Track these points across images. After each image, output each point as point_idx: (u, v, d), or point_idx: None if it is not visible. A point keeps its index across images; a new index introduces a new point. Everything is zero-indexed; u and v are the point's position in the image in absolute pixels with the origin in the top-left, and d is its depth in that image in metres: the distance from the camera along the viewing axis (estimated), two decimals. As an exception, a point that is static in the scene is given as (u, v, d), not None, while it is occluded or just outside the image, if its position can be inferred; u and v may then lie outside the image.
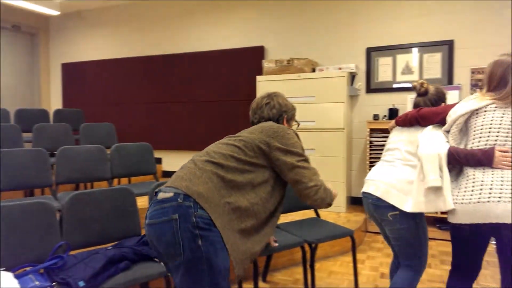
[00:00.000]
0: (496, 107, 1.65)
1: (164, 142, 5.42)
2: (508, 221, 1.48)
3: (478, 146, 1.64)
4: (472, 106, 1.69)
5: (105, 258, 1.86)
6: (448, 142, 1.74)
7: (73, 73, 6.06)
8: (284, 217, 3.36)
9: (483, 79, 1.77)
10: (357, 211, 4.16)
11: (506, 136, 1.60)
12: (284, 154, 1.50)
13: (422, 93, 2.08)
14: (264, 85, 4.33)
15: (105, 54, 5.86)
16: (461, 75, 3.94)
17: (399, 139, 1.99)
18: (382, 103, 4.28)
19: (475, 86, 3.88)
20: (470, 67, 3.90)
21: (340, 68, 4.17)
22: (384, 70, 4.25)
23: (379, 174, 1.95)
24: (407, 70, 4.14)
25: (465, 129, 1.72)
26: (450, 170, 1.70)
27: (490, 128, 1.63)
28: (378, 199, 1.89)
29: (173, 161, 5.47)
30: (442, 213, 3.64)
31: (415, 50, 4.10)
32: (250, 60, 4.87)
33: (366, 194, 1.98)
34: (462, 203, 1.60)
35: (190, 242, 1.27)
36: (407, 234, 1.87)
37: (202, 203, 1.30)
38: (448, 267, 3.03)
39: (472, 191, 1.58)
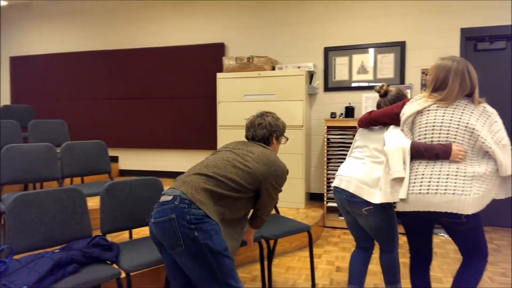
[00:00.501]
0: (438, 107, 1.82)
1: (121, 140, 5.25)
2: (443, 209, 1.71)
3: (421, 137, 1.84)
4: (417, 107, 1.86)
5: (52, 261, 1.77)
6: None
7: (22, 67, 5.72)
8: (243, 215, 3.37)
9: (427, 81, 1.94)
10: (316, 206, 4.25)
11: (447, 133, 1.77)
12: (273, 189, 1.87)
13: (382, 94, 2.25)
14: (224, 82, 4.31)
15: (58, 48, 5.58)
16: (412, 75, 4.12)
17: (367, 137, 2.16)
18: (339, 101, 4.39)
19: (425, 86, 4.08)
20: (420, 68, 4.09)
21: (299, 67, 4.23)
22: (340, 69, 4.36)
23: (350, 171, 2.13)
24: (363, 69, 4.28)
25: (412, 126, 1.90)
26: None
27: (433, 126, 1.81)
28: (352, 195, 2.07)
29: (130, 159, 5.32)
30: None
31: (370, 50, 4.24)
32: (211, 56, 4.83)
33: (338, 189, 2.16)
34: (409, 193, 1.80)
35: (188, 234, 1.57)
36: (381, 224, 2.08)
37: (198, 205, 1.62)
38: (404, 260, 3.18)
39: (415, 183, 1.79)
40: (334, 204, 4.03)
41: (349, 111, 4.18)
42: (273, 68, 4.33)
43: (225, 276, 1.61)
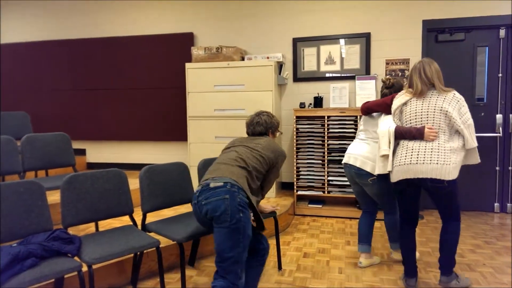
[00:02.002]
0: (416, 99, 2.34)
1: (89, 133, 5.14)
2: (429, 176, 2.20)
3: (410, 125, 2.34)
4: (402, 100, 2.39)
5: (9, 255, 1.74)
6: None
7: (-19, 57, 5.46)
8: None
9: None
10: (286, 195, 4.32)
11: (427, 117, 2.28)
12: (276, 170, 2.34)
13: (389, 86, 2.75)
14: (194, 72, 4.28)
15: (19, 37, 5.36)
16: (377, 66, 4.22)
17: (368, 123, 2.74)
18: (308, 91, 4.44)
19: (389, 76, 4.18)
20: (385, 58, 4.19)
21: (268, 58, 4.25)
22: (309, 60, 4.40)
23: (356, 149, 2.70)
24: (330, 60, 4.34)
25: (401, 115, 2.43)
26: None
27: (415, 113, 2.33)
28: (359, 169, 2.64)
29: (99, 152, 5.22)
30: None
31: (336, 41, 4.30)
32: (180, 46, 4.77)
33: (348, 165, 2.73)
34: (399, 165, 2.31)
35: (236, 213, 1.92)
36: (383, 191, 2.65)
37: (246, 192, 2.02)
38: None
39: (405, 156, 2.29)
40: (304, 193, 4.11)
41: (318, 101, 4.24)
42: (243, 59, 4.33)
43: (238, 256, 1.95)
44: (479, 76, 4.10)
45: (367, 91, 4.11)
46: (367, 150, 2.65)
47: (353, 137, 3.96)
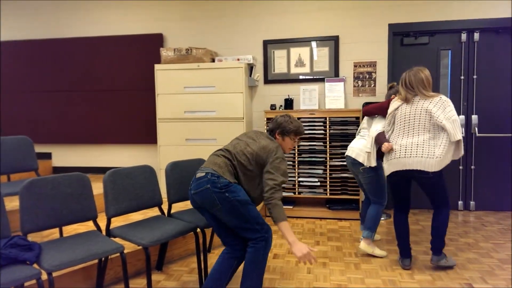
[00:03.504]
0: (406, 105, 2.70)
1: (55, 136, 4.97)
2: (415, 167, 2.58)
3: (402, 127, 2.70)
4: (394, 106, 2.76)
5: (-40, 266, 1.66)
6: (383, 127, 2.86)
7: None
8: (178, 207, 3.34)
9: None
10: (257, 197, 4.32)
11: (414, 118, 2.64)
12: (273, 170, 2.27)
13: (389, 88, 3.22)
14: (163, 74, 4.23)
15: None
16: (346, 68, 4.30)
17: (369, 122, 3.16)
18: (278, 93, 4.48)
19: (357, 78, 4.27)
20: (353, 61, 4.28)
21: (238, 59, 4.25)
22: (279, 62, 4.44)
23: (355, 143, 3.16)
24: (300, 62, 4.39)
25: (393, 119, 2.80)
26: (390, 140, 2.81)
27: (404, 116, 2.70)
28: (354, 159, 3.09)
29: (65, 156, 5.06)
30: (357, 192, 3.98)
31: (306, 44, 4.36)
32: (149, 47, 4.69)
33: (347, 156, 3.18)
34: (391, 159, 2.70)
35: (222, 195, 2.12)
36: (372, 180, 3.06)
37: (224, 176, 2.19)
38: (334, 243, 3.34)
39: (396, 151, 2.68)
40: (275, 194, 4.13)
41: (288, 103, 4.28)
42: (213, 60, 4.32)
43: (254, 218, 2.16)
44: (442, 79, 4.25)
45: (336, 93, 4.18)
46: (363, 144, 3.07)
47: (323, 139, 4.02)
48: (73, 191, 2.27)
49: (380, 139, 2.81)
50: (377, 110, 3.02)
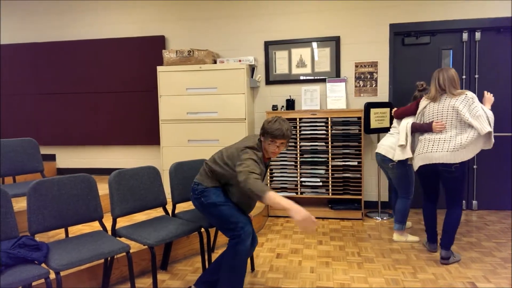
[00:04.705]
0: (433, 103, 2.91)
1: (59, 137, 5.01)
2: (440, 161, 2.79)
3: (429, 121, 2.91)
4: (423, 104, 2.98)
5: (-30, 265, 1.69)
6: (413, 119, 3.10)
7: None
8: (182, 207, 3.37)
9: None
10: (260, 197, 4.35)
11: (442, 114, 2.84)
12: (241, 167, 2.19)
13: (422, 90, 3.35)
14: (165, 75, 4.26)
15: (-16, 40, 5.18)
16: (347, 69, 4.33)
17: (397, 122, 3.35)
18: (280, 94, 4.50)
19: (358, 78, 4.30)
20: (354, 61, 4.30)
21: (240, 61, 4.28)
22: (281, 63, 4.47)
23: (385, 141, 3.37)
24: (301, 63, 4.41)
25: (423, 117, 3.01)
26: (415, 136, 3.08)
27: (432, 113, 2.90)
28: (383, 155, 3.32)
29: (69, 157, 5.09)
30: (353, 194, 4.00)
31: (307, 44, 4.38)
32: (151, 49, 4.73)
33: (377, 153, 3.40)
34: (419, 154, 2.92)
35: (198, 201, 2.34)
36: (401, 175, 3.29)
37: (202, 183, 2.36)
38: (337, 243, 3.36)
39: (423, 147, 2.90)
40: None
41: (290, 104, 4.31)
42: (215, 62, 4.35)
43: (227, 217, 2.25)
44: (443, 79, 4.26)
45: (337, 93, 4.20)
46: (392, 142, 3.30)
47: (325, 139, 4.05)
48: (79, 192, 2.30)
49: (419, 126, 2.96)
50: (406, 112, 3.22)
